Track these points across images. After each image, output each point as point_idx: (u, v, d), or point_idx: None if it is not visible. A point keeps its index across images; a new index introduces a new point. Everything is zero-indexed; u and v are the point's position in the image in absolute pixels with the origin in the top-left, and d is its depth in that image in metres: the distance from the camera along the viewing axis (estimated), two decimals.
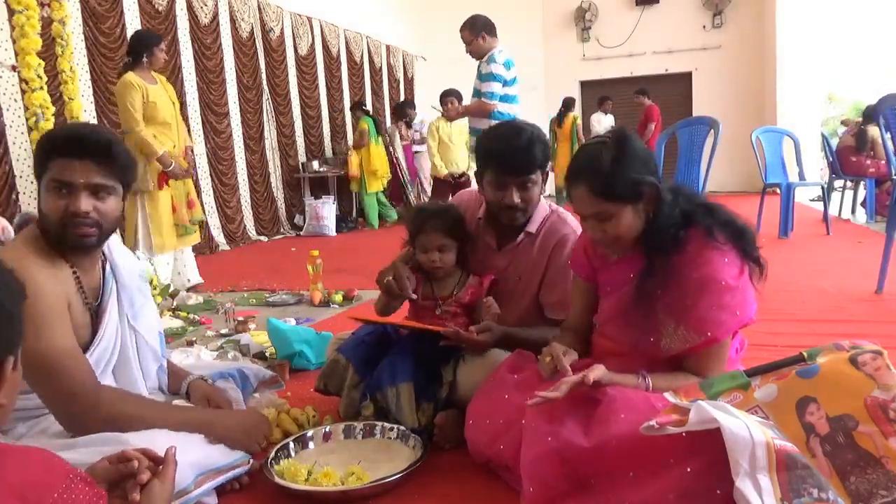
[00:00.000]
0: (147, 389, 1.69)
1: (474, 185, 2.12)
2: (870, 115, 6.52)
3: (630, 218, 1.51)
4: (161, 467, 1.14)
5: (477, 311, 1.96)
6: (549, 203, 2.04)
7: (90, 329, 1.54)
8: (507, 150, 1.86)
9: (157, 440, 1.36)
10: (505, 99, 4.16)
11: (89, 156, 1.45)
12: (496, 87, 4.10)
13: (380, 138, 8.63)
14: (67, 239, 1.47)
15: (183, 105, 6.58)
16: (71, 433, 1.43)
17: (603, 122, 10.03)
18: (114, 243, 1.67)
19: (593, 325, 1.74)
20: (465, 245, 2.01)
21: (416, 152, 9.12)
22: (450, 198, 2.85)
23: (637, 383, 1.47)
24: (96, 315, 1.56)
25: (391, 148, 9.04)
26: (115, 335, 1.59)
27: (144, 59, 4.13)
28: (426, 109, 9.20)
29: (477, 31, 4.16)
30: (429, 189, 9.12)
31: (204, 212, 4.93)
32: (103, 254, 1.63)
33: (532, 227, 1.97)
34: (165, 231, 4.18)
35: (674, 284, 1.48)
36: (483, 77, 4.15)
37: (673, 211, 1.51)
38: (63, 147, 1.45)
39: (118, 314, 1.61)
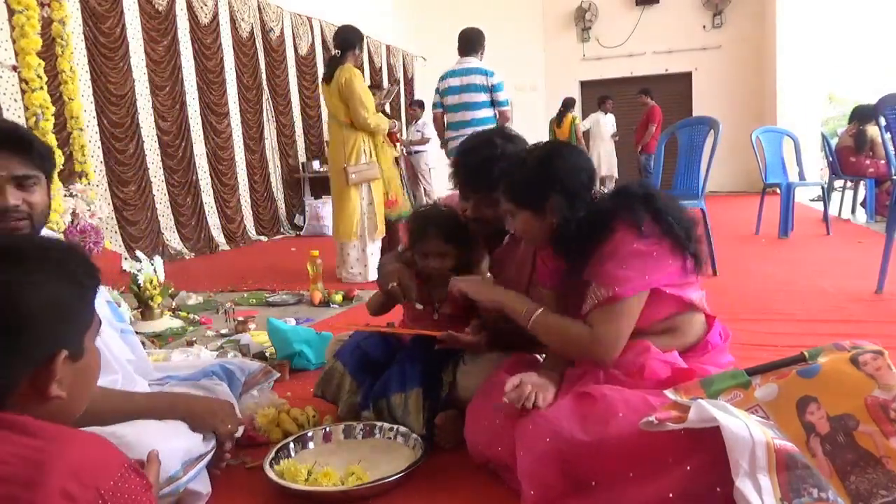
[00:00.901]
0: (120, 361, 1.65)
1: None
2: (863, 114, 6.53)
3: (529, 221, 1.64)
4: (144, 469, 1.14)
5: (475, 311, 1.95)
6: None
7: None
8: (458, 163, 1.89)
9: (146, 430, 1.39)
10: (453, 108, 4.63)
11: (7, 148, 1.40)
12: (434, 98, 4.71)
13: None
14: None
15: (182, 105, 6.59)
16: None
17: (601, 122, 10.03)
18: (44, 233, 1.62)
19: None
20: (467, 249, 1.97)
21: (417, 152, 9.13)
22: None
23: (525, 310, 1.60)
24: None
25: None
26: None
27: (357, 52, 4.39)
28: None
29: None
30: (427, 188, 9.18)
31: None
32: None
33: None
34: (379, 218, 4.57)
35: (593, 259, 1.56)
36: None
37: (575, 224, 1.57)
38: None
39: None
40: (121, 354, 1.68)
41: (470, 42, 4.68)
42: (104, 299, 1.72)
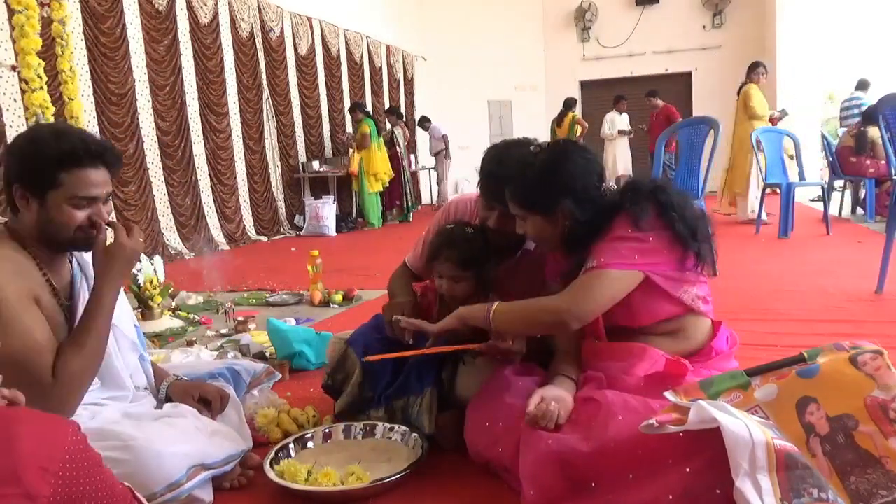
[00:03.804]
0: (132, 383, 1.65)
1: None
2: (869, 115, 6.52)
3: (540, 225, 1.62)
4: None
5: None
6: None
7: (66, 329, 1.47)
8: (488, 173, 1.76)
9: (158, 436, 1.39)
10: None
11: (106, 166, 1.45)
12: None
13: (381, 140, 8.64)
14: (77, 244, 1.46)
15: (182, 105, 6.59)
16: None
17: (617, 122, 10.04)
18: None
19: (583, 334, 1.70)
20: (486, 271, 1.86)
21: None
22: None
23: (485, 309, 1.58)
24: (70, 314, 1.51)
25: (397, 146, 9.04)
26: None
27: (763, 73, 6.64)
28: (431, 110, 9.16)
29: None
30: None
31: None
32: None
33: (530, 245, 1.91)
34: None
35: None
36: None
37: (585, 226, 1.57)
38: (82, 158, 1.40)
39: None
40: (140, 381, 1.70)
41: None
42: (133, 323, 1.73)
